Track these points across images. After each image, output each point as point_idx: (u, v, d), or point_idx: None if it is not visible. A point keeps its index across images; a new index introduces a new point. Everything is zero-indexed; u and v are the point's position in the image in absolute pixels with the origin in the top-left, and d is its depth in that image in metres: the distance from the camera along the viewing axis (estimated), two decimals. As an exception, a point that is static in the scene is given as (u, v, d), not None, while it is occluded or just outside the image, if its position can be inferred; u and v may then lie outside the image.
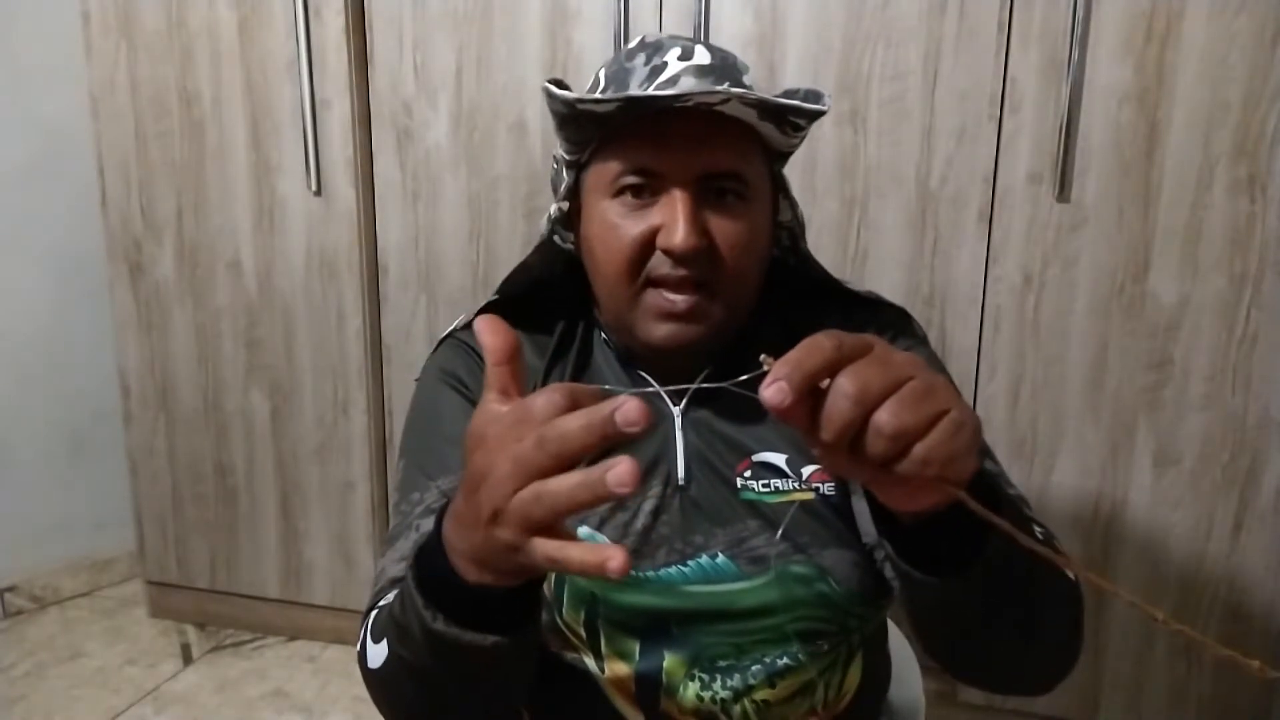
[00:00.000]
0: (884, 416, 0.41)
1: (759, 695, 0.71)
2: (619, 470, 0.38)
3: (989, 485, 0.50)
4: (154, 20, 1.60)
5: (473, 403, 0.74)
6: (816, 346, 0.41)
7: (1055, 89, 1.27)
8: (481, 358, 0.77)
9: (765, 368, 0.42)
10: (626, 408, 0.38)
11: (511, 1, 1.45)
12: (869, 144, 1.36)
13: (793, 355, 0.41)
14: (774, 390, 0.40)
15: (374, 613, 0.62)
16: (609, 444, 0.40)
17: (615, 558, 0.39)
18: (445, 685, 0.54)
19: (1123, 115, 1.26)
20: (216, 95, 1.60)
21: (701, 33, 1.37)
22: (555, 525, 0.42)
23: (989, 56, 1.29)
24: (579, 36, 1.43)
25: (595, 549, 0.40)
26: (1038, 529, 0.61)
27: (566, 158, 0.72)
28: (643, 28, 1.39)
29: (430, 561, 0.49)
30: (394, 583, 0.65)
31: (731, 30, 1.37)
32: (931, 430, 0.41)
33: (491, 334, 0.45)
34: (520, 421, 0.42)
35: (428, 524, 0.68)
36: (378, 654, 0.57)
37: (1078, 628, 0.61)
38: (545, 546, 0.41)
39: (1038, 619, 0.56)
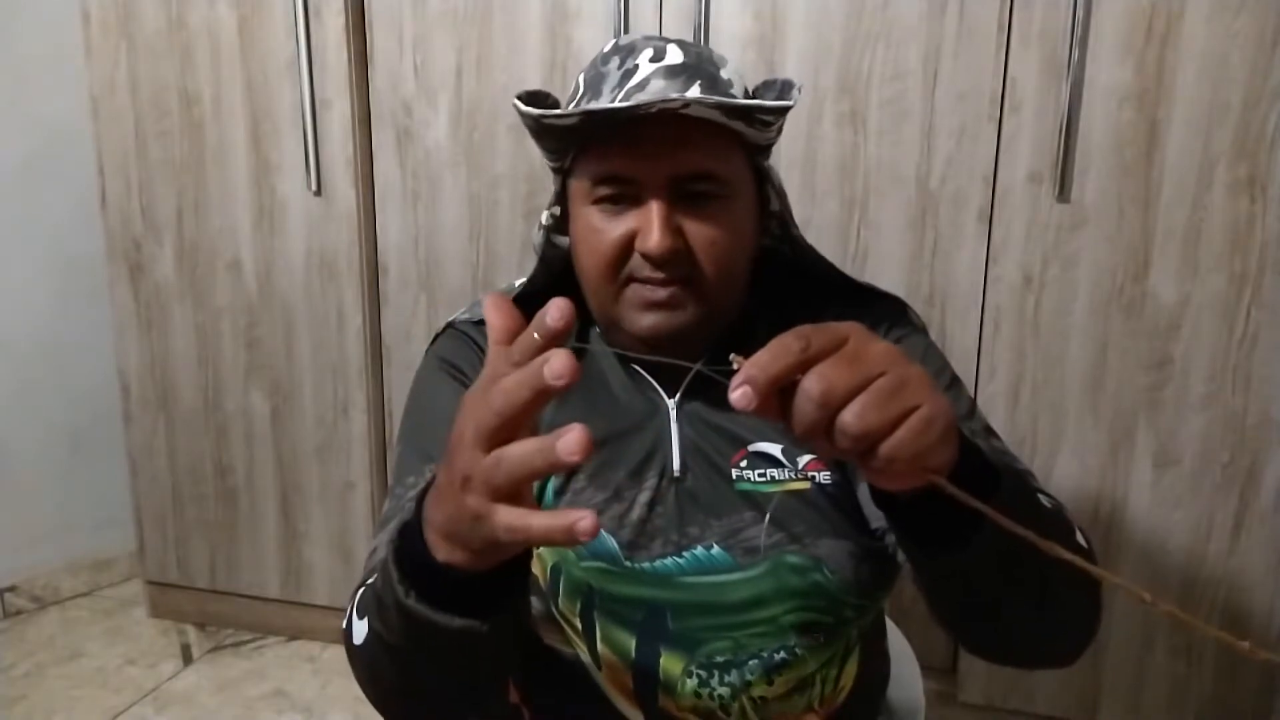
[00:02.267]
0: (847, 418, 0.41)
1: (757, 692, 0.71)
2: (568, 438, 0.38)
3: (984, 462, 0.50)
4: (154, 20, 1.60)
5: (466, 386, 0.75)
6: (783, 348, 0.42)
7: (1055, 89, 1.27)
8: (483, 350, 0.78)
9: (735, 367, 0.43)
10: (552, 360, 0.38)
11: (511, 1, 1.45)
12: (869, 144, 1.36)
13: (759, 357, 0.42)
14: (739, 394, 0.41)
15: (361, 590, 0.63)
16: (542, 397, 0.39)
17: (585, 518, 0.38)
18: (417, 665, 0.54)
19: (1123, 115, 1.26)
20: (216, 95, 1.60)
21: (701, 33, 1.37)
22: (521, 495, 0.42)
23: (989, 56, 1.29)
24: (579, 36, 1.43)
25: (560, 514, 0.39)
26: (1045, 499, 0.60)
27: (551, 165, 0.74)
28: (643, 27, 1.39)
29: (410, 537, 0.49)
30: (384, 563, 0.66)
31: (731, 30, 1.37)
32: (898, 428, 0.42)
33: (497, 313, 0.45)
34: (488, 385, 0.42)
35: None
36: (360, 630, 0.57)
37: (1094, 595, 0.61)
38: (507, 515, 0.41)
39: (1050, 587, 0.56)
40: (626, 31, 1.39)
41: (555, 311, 0.40)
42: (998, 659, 0.64)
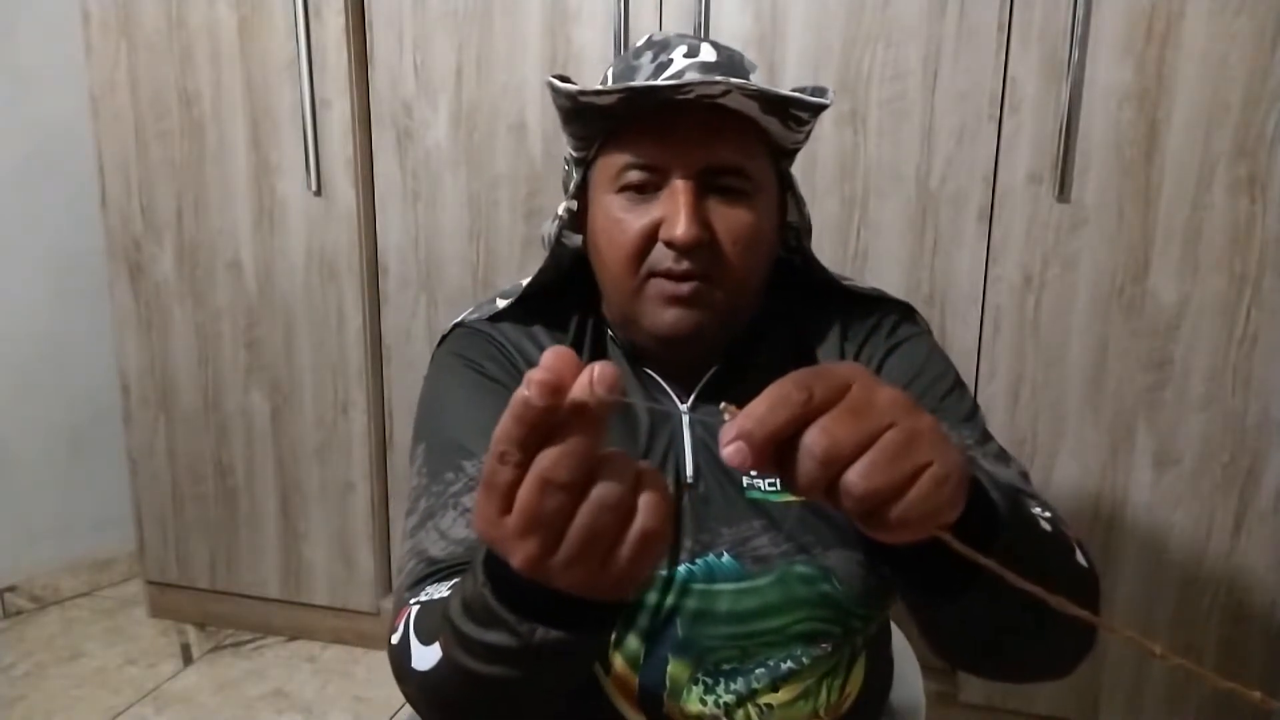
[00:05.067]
0: (853, 479, 0.37)
1: (762, 699, 0.71)
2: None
3: (985, 500, 0.47)
4: (154, 20, 1.60)
5: (492, 380, 0.74)
6: (783, 399, 0.37)
7: (1055, 89, 1.27)
8: (497, 343, 0.76)
9: (726, 417, 0.38)
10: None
11: (511, 1, 1.45)
12: (869, 144, 1.36)
13: (755, 409, 0.37)
14: (733, 450, 0.37)
15: (416, 609, 0.58)
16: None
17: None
18: (513, 688, 0.51)
19: (1123, 115, 1.26)
20: (216, 95, 1.60)
21: (701, 33, 1.37)
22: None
23: (989, 56, 1.29)
24: (579, 36, 1.43)
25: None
26: (1043, 518, 0.58)
27: (574, 155, 0.73)
28: (643, 27, 1.39)
29: (505, 578, 0.45)
30: (432, 563, 0.63)
31: (731, 30, 1.37)
32: (909, 489, 0.38)
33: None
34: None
35: (472, 499, 0.65)
36: (426, 657, 0.54)
37: (1094, 614, 0.60)
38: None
39: (1050, 616, 0.53)
40: (626, 32, 1.39)
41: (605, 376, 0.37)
42: (994, 679, 0.63)
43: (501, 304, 0.79)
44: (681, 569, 0.70)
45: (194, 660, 1.77)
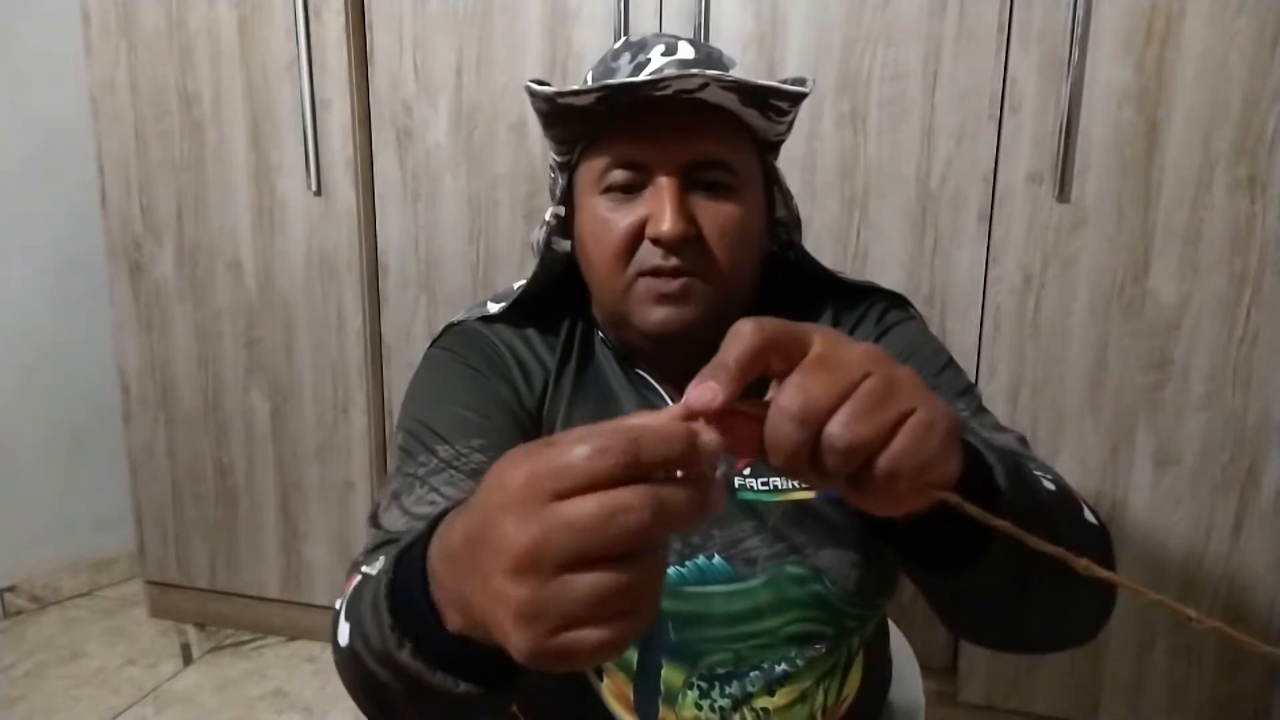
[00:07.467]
0: (835, 430, 0.35)
1: (758, 703, 0.71)
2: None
3: (983, 464, 0.46)
4: (154, 20, 1.60)
5: (476, 371, 0.73)
6: (737, 334, 0.36)
7: (1055, 89, 1.27)
8: (490, 341, 0.76)
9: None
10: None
11: (511, 1, 1.45)
12: (869, 144, 1.36)
13: (720, 353, 0.36)
14: (703, 389, 0.34)
15: (359, 580, 0.55)
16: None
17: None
18: (396, 702, 0.48)
19: (1123, 115, 1.26)
20: (216, 95, 1.60)
21: (701, 33, 1.37)
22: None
23: (989, 56, 1.29)
24: (579, 36, 1.43)
25: None
26: (1047, 480, 0.56)
27: (557, 159, 0.73)
28: (643, 27, 1.39)
29: (408, 582, 0.42)
30: (389, 534, 0.62)
31: (731, 30, 1.37)
32: (895, 437, 0.36)
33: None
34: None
35: (439, 480, 0.65)
36: (344, 633, 0.52)
37: (1108, 569, 0.58)
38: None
39: (1069, 577, 0.49)
40: (626, 32, 1.39)
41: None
42: (1016, 651, 0.61)
43: (493, 308, 0.79)
44: (672, 571, 0.70)
45: (194, 660, 1.77)
